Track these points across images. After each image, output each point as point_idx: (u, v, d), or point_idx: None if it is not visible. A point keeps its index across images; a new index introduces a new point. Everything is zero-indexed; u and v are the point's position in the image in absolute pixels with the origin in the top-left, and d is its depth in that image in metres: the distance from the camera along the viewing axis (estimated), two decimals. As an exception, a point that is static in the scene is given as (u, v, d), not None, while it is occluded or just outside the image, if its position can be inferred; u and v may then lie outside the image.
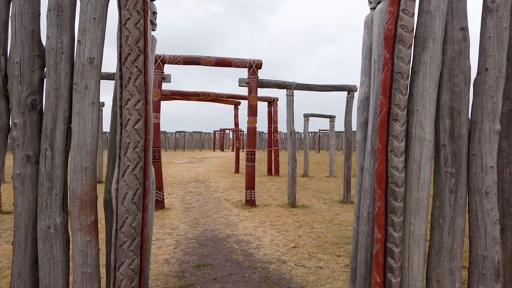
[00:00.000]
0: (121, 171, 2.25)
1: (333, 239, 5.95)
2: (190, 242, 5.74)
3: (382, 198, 2.39)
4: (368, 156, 2.68)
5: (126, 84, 2.25)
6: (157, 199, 8.27)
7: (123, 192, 2.24)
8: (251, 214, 7.86)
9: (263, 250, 5.35)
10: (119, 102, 2.26)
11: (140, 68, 2.26)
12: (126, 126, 2.24)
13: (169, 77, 8.19)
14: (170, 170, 18.68)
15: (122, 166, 2.24)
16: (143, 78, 2.28)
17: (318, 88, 9.11)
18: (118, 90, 2.27)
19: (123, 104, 2.24)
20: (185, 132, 48.29)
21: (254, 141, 8.75)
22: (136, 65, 2.25)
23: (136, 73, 2.25)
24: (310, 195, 10.48)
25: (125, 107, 2.24)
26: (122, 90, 2.25)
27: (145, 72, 2.30)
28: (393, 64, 2.38)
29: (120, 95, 2.26)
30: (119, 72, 2.27)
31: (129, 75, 2.24)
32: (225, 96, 14.87)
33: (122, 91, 2.25)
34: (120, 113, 2.26)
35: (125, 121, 2.24)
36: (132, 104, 2.25)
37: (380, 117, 2.44)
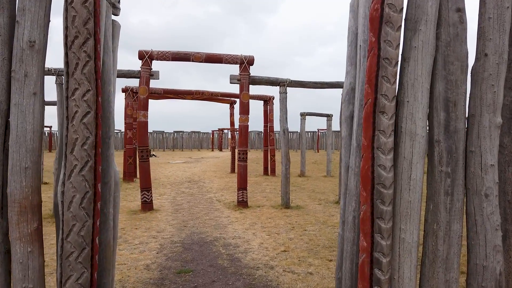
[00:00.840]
0: (67, 171, 1.96)
1: (325, 242, 5.66)
2: (175, 246, 5.46)
3: (368, 201, 2.10)
4: (353, 154, 2.39)
5: (72, 71, 1.96)
6: (145, 201, 7.98)
7: (70, 196, 1.95)
8: (242, 216, 7.57)
9: (251, 255, 5.07)
10: (65, 92, 1.97)
11: (89, 54, 1.97)
12: (73, 119, 1.95)
13: (157, 73, 7.90)
14: (165, 170, 18.40)
15: (68, 166, 1.95)
16: (93, 65, 1.99)
17: (312, 85, 8.81)
18: (65, 79, 1.99)
19: (70, 94, 1.96)
20: (183, 132, 47.98)
21: (246, 139, 8.46)
22: (84, 50, 1.96)
23: (84, 59, 1.96)
24: (305, 196, 10.19)
25: (71, 98, 1.95)
26: (69, 78, 1.97)
27: (96, 58, 2.01)
28: (379, 48, 2.09)
29: (66, 84, 1.97)
30: (65, 58, 1.98)
31: (76, 61, 1.95)
32: (220, 95, 14.57)
33: (69, 79, 1.96)
34: (66, 105, 1.97)
35: (71, 114, 1.96)
36: (79, 94, 1.96)
37: (366, 109, 2.15)
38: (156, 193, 10.56)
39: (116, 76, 2.70)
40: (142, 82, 7.77)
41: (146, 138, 8.07)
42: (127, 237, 5.95)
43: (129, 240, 5.76)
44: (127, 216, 7.48)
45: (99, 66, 2.04)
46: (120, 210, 8.11)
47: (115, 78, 2.66)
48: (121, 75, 8.11)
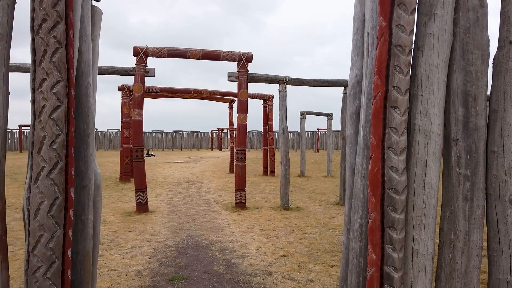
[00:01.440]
0: (33, 174, 1.71)
1: (326, 246, 5.41)
2: (169, 251, 5.20)
3: (378, 208, 1.85)
4: (360, 154, 2.14)
5: (40, 59, 1.71)
6: (140, 202, 7.72)
7: (36, 202, 1.70)
8: (240, 218, 7.32)
9: (248, 260, 4.81)
10: (32, 84, 1.72)
11: (59, 39, 1.72)
12: (40, 115, 1.70)
13: (152, 71, 7.64)
14: (163, 170, 18.15)
15: (35, 168, 1.70)
16: (64, 53, 1.73)
17: (313, 83, 8.56)
18: (31, 68, 1.74)
19: (37, 86, 1.71)
20: (182, 132, 47.73)
21: (244, 139, 8.21)
22: (53, 35, 1.71)
23: (53, 45, 1.71)
24: (305, 197, 9.94)
25: (38, 90, 1.70)
26: (36, 67, 1.72)
27: (68, 45, 1.76)
28: (391, 34, 1.84)
29: (33, 74, 1.72)
30: (32, 44, 1.73)
31: (44, 47, 1.70)
32: (218, 94, 14.31)
33: (36, 69, 1.71)
34: (33, 98, 1.72)
35: (38, 108, 1.71)
36: (48, 86, 1.71)
37: (375, 104, 1.90)
38: (153, 194, 10.31)
39: (97, 68, 2.44)
40: (137, 80, 7.52)
41: (141, 137, 7.81)
42: (119, 240, 5.70)
43: (121, 244, 5.51)
44: (121, 218, 7.23)
45: (71, 54, 1.79)
46: (114, 212, 7.86)
47: (96, 70, 2.41)
48: (115, 72, 7.85)
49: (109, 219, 7.10)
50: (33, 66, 1.73)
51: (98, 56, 2.43)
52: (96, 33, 2.36)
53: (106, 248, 5.25)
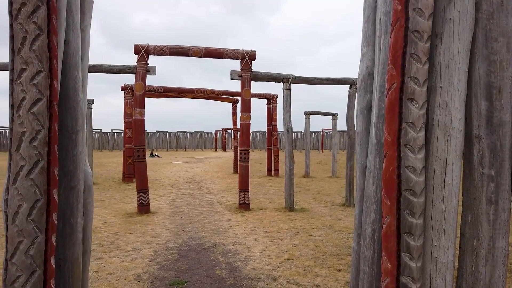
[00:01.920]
0: (11, 174, 1.54)
1: (333, 249, 5.22)
2: (170, 253, 5.04)
3: (393, 211, 1.67)
4: (372, 153, 1.95)
5: (19, 47, 1.54)
6: (142, 203, 7.57)
7: (15, 205, 1.54)
8: (243, 219, 7.14)
9: (252, 263, 4.64)
10: (10, 75, 1.56)
11: (40, 25, 1.56)
12: (19, 109, 1.54)
13: (153, 69, 7.49)
14: (167, 170, 18.03)
15: (13, 168, 1.54)
16: (45, 40, 1.57)
17: (318, 81, 8.37)
18: (10, 57, 1.57)
19: (15, 76, 1.54)
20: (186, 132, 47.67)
21: (248, 139, 8.04)
22: (34, 21, 1.55)
23: (34, 32, 1.55)
24: (310, 197, 9.75)
25: (17, 82, 1.54)
26: (14, 56, 1.55)
27: (50, 31, 1.59)
28: (407, 19, 1.66)
29: (11, 64, 1.56)
30: (10, 30, 1.57)
31: (23, 34, 1.54)
32: (221, 93, 14.15)
33: (14, 58, 1.55)
34: (11, 91, 1.56)
35: (17, 101, 1.54)
36: (28, 77, 1.54)
37: (389, 96, 1.72)
38: (155, 195, 10.16)
39: (88, 61, 2.28)
40: (138, 78, 7.37)
41: (143, 137, 7.66)
42: (119, 242, 5.54)
43: (121, 246, 5.35)
44: (122, 219, 7.08)
45: (54, 42, 1.62)
46: (116, 213, 7.72)
47: (86, 62, 2.24)
48: (116, 71, 7.71)
49: (110, 220, 6.96)
50: (11, 55, 1.57)
51: (89, 47, 2.27)
52: (86, 23, 2.20)
53: (105, 251, 5.10)
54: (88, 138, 13.03)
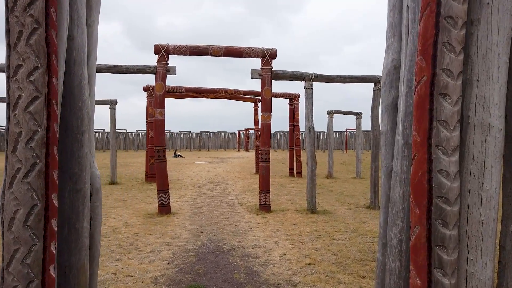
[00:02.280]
0: (7, 177, 1.45)
1: (357, 254, 5.00)
2: (188, 256, 4.95)
3: (423, 221, 1.48)
4: (399, 155, 1.77)
5: (15, 42, 1.45)
6: (162, 203, 7.55)
7: (11, 211, 1.44)
8: (264, 221, 6.99)
9: (272, 268, 4.48)
10: (7, 72, 1.47)
11: (37, 18, 1.46)
12: (15, 107, 1.45)
13: (173, 69, 7.45)
14: (189, 170, 18.10)
15: (9, 171, 1.45)
16: (43, 34, 1.47)
17: (341, 79, 8.12)
18: (6, 53, 1.48)
19: (11, 73, 1.45)
20: (209, 132, 47.97)
21: (268, 139, 7.88)
22: (30, 13, 1.45)
23: (30, 25, 1.45)
24: (333, 199, 9.50)
25: (13, 79, 1.45)
26: (10, 52, 1.46)
27: (48, 25, 1.50)
28: (438, 3, 1.47)
29: (7, 60, 1.47)
30: (6, 24, 1.48)
31: (19, 28, 1.45)
32: (243, 93, 14.05)
33: (10, 53, 1.46)
34: (7, 88, 1.47)
35: (13, 100, 1.45)
36: (24, 73, 1.45)
37: (418, 91, 1.53)
38: (177, 195, 10.16)
39: (96, 57, 2.18)
40: (158, 78, 7.34)
41: (163, 137, 7.63)
42: (139, 243, 5.50)
43: (140, 248, 5.31)
44: (142, 220, 7.07)
45: (53, 36, 1.52)
46: (137, 213, 7.73)
47: (94, 59, 2.15)
48: (136, 71, 7.72)
49: (131, 221, 6.96)
50: (7, 51, 1.48)
51: (97, 44, 2.17)
52: (93, 18, 2.10)
53: (124, 252, 5.07)
54: (112, 138, 13.21)
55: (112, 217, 7.31)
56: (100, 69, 7.67)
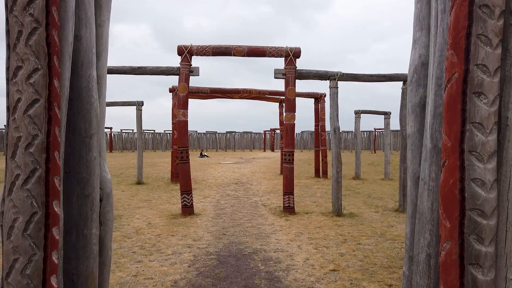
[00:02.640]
0: (7, 184, 1.40)
1: (384, 261, 4.78)
2: (209, 259, 4.88)
3: (455, 235, 1.32)
4: (426, 160, 1.60)
5: (14, 43, 1.39)
6: (185, 204, 7.54)
7: (10, 219, 1.39)
8: (287, 224, 6.84)
9: (294, 273, 4.34)
10: (6, 74, 1.41)
11: (37, 18, 1.40)
12: (15, 111, 1.39)
13: (196, 70, 7.42)
14: (215, 171, 18.16)
15: (8, 177, 1.39)
16: (43, 34, 1.41)
17: (367, 78, 7.86)
18: (6, 54, 1.43)
19: (11, 75, 1.39)
20: (235, 133, 48.14)
21: (292, 139, 7.73)
22: (30, 13, 1.39)
23: (30, 25, 1.39)
24: (360, 201, 9.22)
25: (13, 81, 1.39)
26: (10, 53, 1.40)
27: (49, 24, 1.43)
28: (473, -10, 1.30)
29: (7, 61, 1.41)
30: (6, 25, 1.42)
31: (18, 28, 1.39)
32: (267, 93, 13.93)
33: (10, 55, 1.40)
34: (7, 91, 1.41)
35: (12, 103, 1.39)
36: (23, 75, 1.39)
37: (449, 90, 1.36)
38: (201, 195, 10.16)
39: (106, 59, 2.12)
40: (182, 79, 7.33)
41: (186, 138, 7.62)
42: (160, 245, 5.49)
43: (162, 249, 5.29)
44: (166, 221, 7.08)
45: (54, 37, 1.46)
46: (161, 214, 7.76)
47: (104, 61, 2.08)
48: (160, 73, 7.75)
49: (154, 222, 6.98)
50: (7, 52, 1.42)
51: (108, 45, 2.11)
52: (104, 17, 2.04)
53: (146, 254, 5.06)
54: (138, 139, 13.40)
55: (136, 217, 7.36)
56: (125, 70, 7.75)
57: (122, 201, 9.28)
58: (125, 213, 7.73)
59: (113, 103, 13.74)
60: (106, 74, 2.11)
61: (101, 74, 2.04)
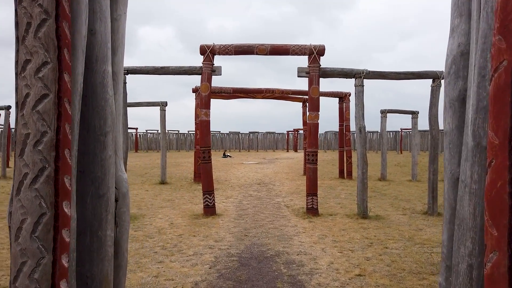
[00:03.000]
0: (15, 183, 1.33)
1: (412, 266, 4.55)
2: (230, 260, 4.79)
3: (503, 245, 1.15)
4: (468, 160, 1.43)
5: (23, 35, 1.33)
6: (207, 205, 7.49)
7: (17, 220, 1.32)
8: (311, 226, 6.68)
9: (317, 278, 4.19)
10: (15, 68, 1.35)
11: (46, 9, 1.33)
12: (23, 107, 1.32)
13: (219, 69, 7.37)
14: (237, 171, 18.13)
15: (16, 176, 1.33)
16: (53, 26, 1.33)
17: (395, 75, 7.59)
18: (15, 48, 1.37)
19: (19, 69, 1.33)
20: (258, 133, 48.09)
21: (316, 139, 7.55)
22: (39, 3, 1.32)
23: (39, 16, 1.32)
24: (387, 203, 8.93)
25: (21, 75, 1.32)
26: (19, 46, 1.34)
27: (59, 16, 1.36)
28: (526, -35, 1.13)
29: (16, 55, 1.35)
30: (15, 16, 1.36)
31: (27, 20, 1.32)
32: (290, 93, 13.76)
33: (19, 48, 1.34)
34: (16, 86, 1.34)
35: (21, 98, 1.33)
36: (32, 69, 1.32)
37: (496, 80, 1.20)
38: (223, 196, 10.12)
39: (123, 54, 2.05)
40: (204, 79, 7.29)
41: (209, 138, 7.58)
42: (182, 246, 5.44)
43: (183, 250, 5.24)
44: (188, 221, 7.05)
45: (65, 29, 1.39)
46: (183, 214, 7.74)
47: (120, 56, 2.01)
48: (182, 72, 7.74)
49: (176, 222, 6.97)
50: (16, 45, 1.36)
51: (124, 39, 2.04)
52: (120, 12, 1.97)
53: (167, 254, 5.02)
54: (162, 139, 13.52)
55: (159, 217, 7.37)
56: (148, 71, 7.79)
57: (145, 200, 9.34)
58: (148, 213, 7.76)
59: (137, 104, 13.92)
60: (122, 70, 2.04)
61: (117, 70, 1.97)
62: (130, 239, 5.69)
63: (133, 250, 5.17)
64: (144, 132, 45.24)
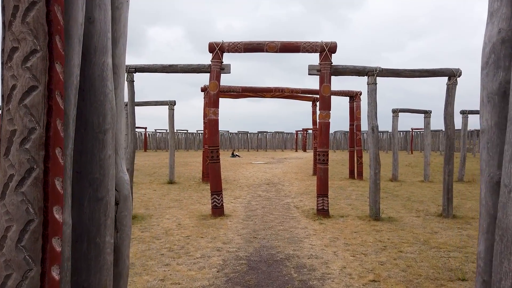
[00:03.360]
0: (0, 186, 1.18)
1: (429, 271, 4.35)
2: (239, 264, 4.63)
3: None
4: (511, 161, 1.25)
5: (10, 20, 1.18)
6: (216, 205, 7.34)
7: (2, 227, 1.17)
8: (321, 228, 6.49)
9: (329, 283, 4.01)
10: (1, 57, 1.20)
11: (35, -10, 1.17)
12: (9, 100, 1.17)
13: (228, 67, 7.21)
14: (246, 171, 17.98)
15: (1, 178, 1.18)
16: (43, 10, 1.19)
17: (409, 73, 7.36)
18: (1, 35, 1.22)
19: (5, 58, 1.18)
20: (267, 133, 47.91)
21: (326, 139, 7.36)
22: (27, -16, 1.17)
23: (26, -1, 1.17)
24: (399, 205, 8.70)
25: (7, 65, 1.18)
26: (5, 33, 1.19)
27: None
28: None
29: (2, 43, 1.20)
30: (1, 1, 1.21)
31: (15, 2, 1.17)
32: (300, 92, 13.56)
33: (5, 34, 1.19)
34: (1, 77, 1.20)
35: (7, 90, 1.18)
36: (19, 58, 1.17)
37: (554, 68, 1.02)
38: (232, 196, 9.97)
39: (125, 45, 1.90)
40: (213, 77, 7.14)
41: (217, 137, 7.43)
42: (189, 247, 5.30)
43: (190, 252, 5.10)
44: (196, 222, 6.91)
45: (57, 13, 1.24)
46: (191, 214, 7.61)
47: (122, 47, 1.86)
48: (190, 70, 7.60)
49: (184, 222, 6.83)
50: (2, 32, 1.22)
51: (126, 30, 1.89)
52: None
53: (174, 257, 4.88)
54: (170, 139, 13.42)
55: (166, 218, 7.25)
56: (156, 69, 7.66)
57: (153, 200, 9.24)
58: (155, 213, 7.64)
59: (146, 103, 13.84)
60: (124, 63, 1.89)
61: (118, 63, 1.82)
62: (136, 240, 5.57)
63: (139, 252, 5.04)
64: (153, 132, 45.36)
